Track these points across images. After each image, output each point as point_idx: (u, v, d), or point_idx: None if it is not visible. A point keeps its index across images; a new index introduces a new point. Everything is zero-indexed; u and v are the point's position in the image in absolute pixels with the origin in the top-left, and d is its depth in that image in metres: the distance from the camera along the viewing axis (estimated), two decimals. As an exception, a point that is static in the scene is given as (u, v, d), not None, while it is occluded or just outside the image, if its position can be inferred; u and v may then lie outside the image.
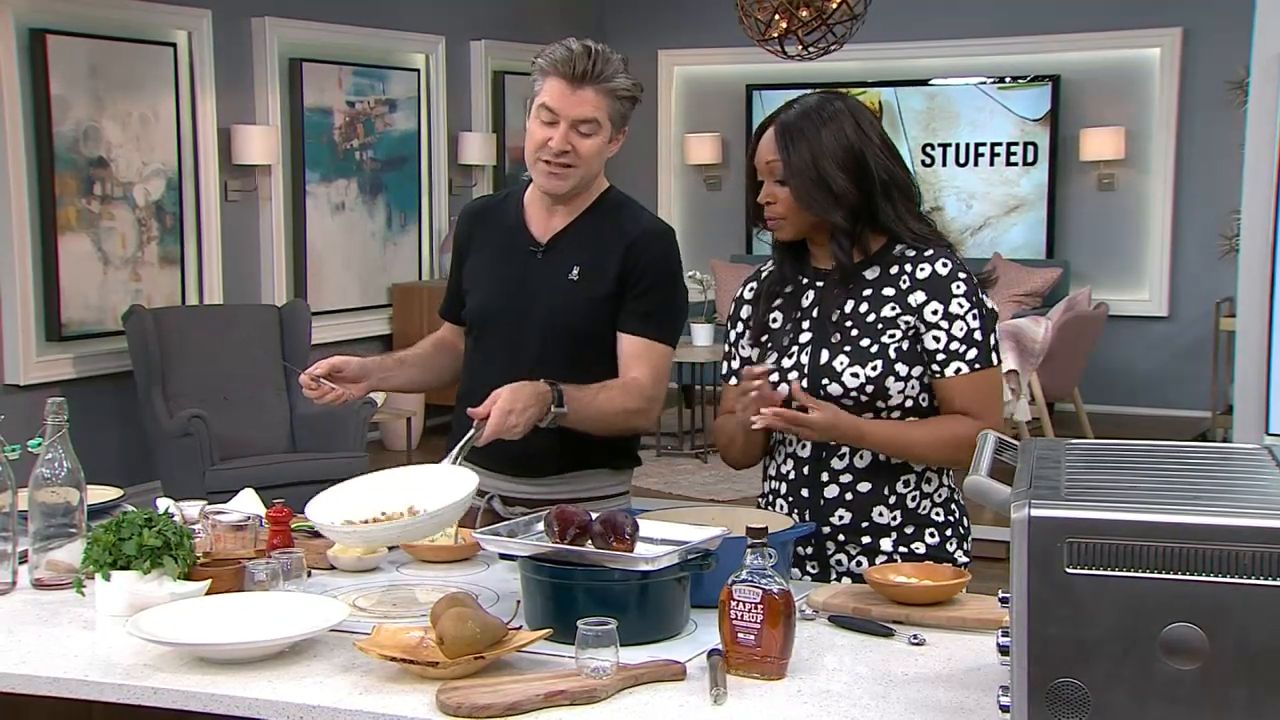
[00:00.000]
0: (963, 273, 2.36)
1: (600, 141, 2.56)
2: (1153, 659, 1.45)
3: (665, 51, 9.56)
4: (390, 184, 7.92)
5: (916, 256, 2.36)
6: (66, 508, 2.32)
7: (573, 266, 2.61)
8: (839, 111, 2.36)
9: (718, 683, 1.82)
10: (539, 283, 2.62)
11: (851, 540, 2.38)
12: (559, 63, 2.52)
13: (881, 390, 2.33)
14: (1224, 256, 7.97)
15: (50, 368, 6.07)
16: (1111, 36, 8.51)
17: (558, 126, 2.53)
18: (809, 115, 2.36)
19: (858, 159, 2.34)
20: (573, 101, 2.52)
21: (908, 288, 2.35)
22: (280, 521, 2.44)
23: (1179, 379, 8.40)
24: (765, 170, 2.39)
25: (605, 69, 2.52)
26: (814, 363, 2.37)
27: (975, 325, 2.33)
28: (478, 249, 2.72)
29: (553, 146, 2.53)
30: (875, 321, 2.35)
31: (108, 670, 1.95)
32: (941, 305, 2.33)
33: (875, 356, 2.33)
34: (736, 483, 7.03)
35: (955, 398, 2.34)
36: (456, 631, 1.87)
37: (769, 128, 2.39)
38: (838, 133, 2.34)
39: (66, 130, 6.09)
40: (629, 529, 2.06)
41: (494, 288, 2.66)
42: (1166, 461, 1.68)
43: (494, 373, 2.54)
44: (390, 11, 7.82)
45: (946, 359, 2.33)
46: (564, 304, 2.60)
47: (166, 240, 6.60)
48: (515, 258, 2.66)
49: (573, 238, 2.63)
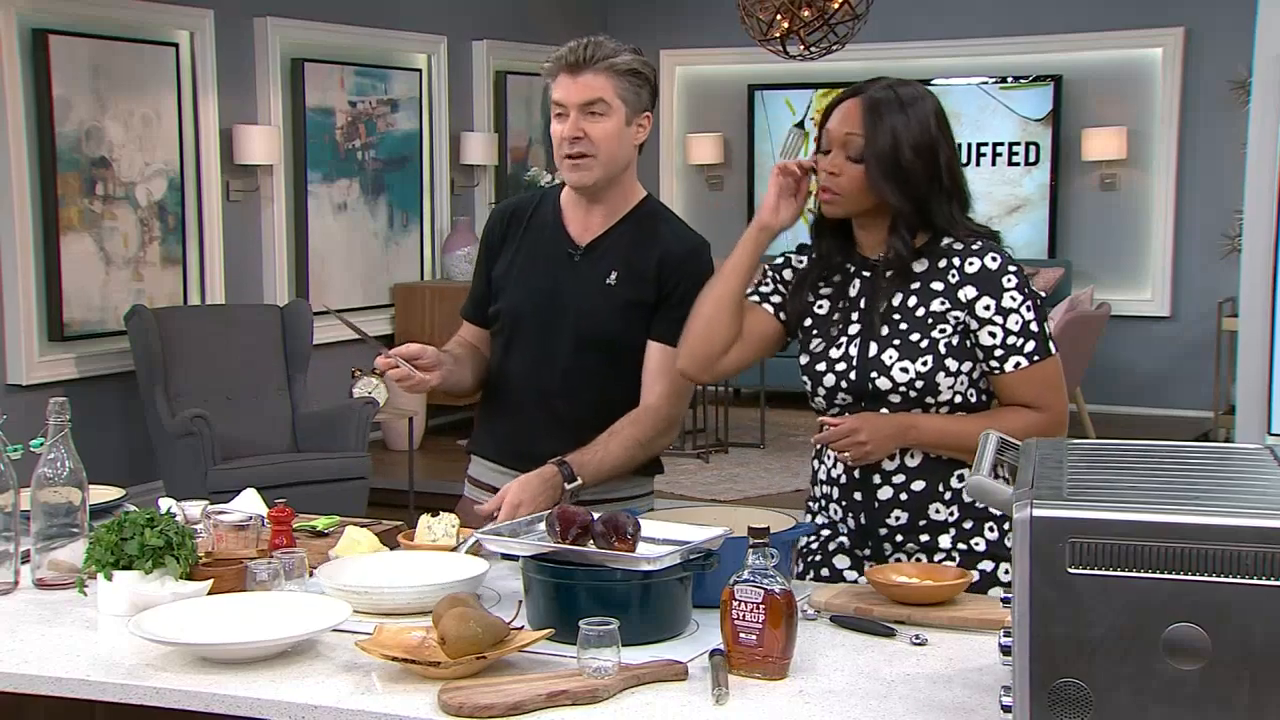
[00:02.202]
0: (1012, 265, 2.32)
1: (614, 124, 2.55)
2: (1155, 659, 1.45)
3: (667, 51, 9.56)
4: (392, 184, 7.92)
5: (965, 250, 2.32)
6: (69, 507, 2.32)
7: (610, 271, 2.62)
8: (925, 101, 2.33)
9: (720, 683, 1.82)
10: (575, 285, 2.62)
11: (910, 540, 2.35)
12: (559, 59, 2.55)
13: (932, 386, 2.30)
14: (1226, 256, 7.97)
15: (52, 368, 6.07)
16: (1113, 36, 8.50)
17: (567, 118, 2.54)
18: (899, 96, 2.31)
19: (932, 154, 2.31)
20: (576, 89, 2.53)
21: (956, 282, 2.31)
22: (282, 521, 2.43)
23: (1181, 379, 8.39)
24: (838, 141, 2.33)
25: (600, 51, 2.53)
26: (862, 355, 2.34)
27: (1030, 317, 2.30)
28: (511, 249, 2.70)
29: (565, 135, 2.54)
30: (925, 316, 2.32)
31: (110, 670, 1.95)
32: (994, 300, 2.29)
33: (925, 352, 2.30)
34: (738, 482, 7.04)
35: (1016, 392, 2.31)
36: (458, 631, 1.87)
37: (850, 99, 2.34)
38: (922, 121, 2.30)
39: (69, 130, 6.09)
40: (631, 529, 2.06)
41: (529, 288, 2.65)
42: (1169, 461, 1.68)
43: (525, 373, 2.60)
44: (392, 11, 7.82)
45: (1005, 354, 2.30)
46: (599, 307, 2.60)
47: (169, 240, 6.60)
48: (552, 259, 2.65)
49: (611, 242, 2.64)
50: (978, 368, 2.33)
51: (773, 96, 9.43)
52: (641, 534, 2.08)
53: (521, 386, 2.65)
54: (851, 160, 2.31)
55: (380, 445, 7.46)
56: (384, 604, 2.15)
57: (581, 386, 2.61)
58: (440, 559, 2.31)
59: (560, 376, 2.60)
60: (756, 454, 7.69)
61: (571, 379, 2.60)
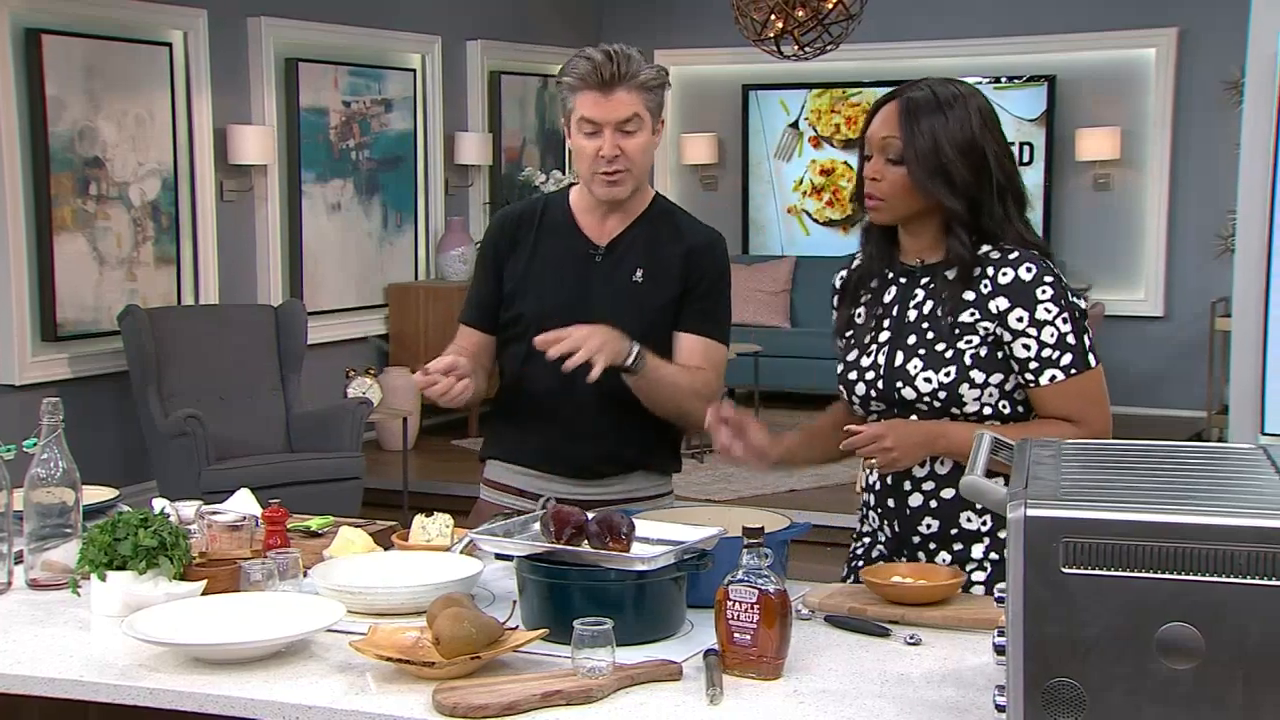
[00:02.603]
0: (1049, 276, 2.25)
1: (645, 137, 2.59)
2: (1149, 659, 1.45)
3: (661, 51, 9.55)
4: (386, 184, 7.91)
5: (1000, 260, 2.27)
6: (62, 508, 2.32)
7: (636, 269, 2.64)
8: (967, 100, 2.28)
9: (714, 683, 1.82)
10: (601, 285, 2.64)
11: (943, 548, 2.31)
12: (585, 75, 2.54)
13: (955, 397, 2.26)
14: (1219, 256, 7.98)
15: (46, 368, 6.06)
16: (1107, 37, 8.51)
17: (602, 135, 2.55)
18: (937, 96, 2.27)
19: (978, 154, 2.26)
20: (609, 107, 2.54)
21: (989, 293, 2.26)
22: (276, 521, 2.43)
23: (1174, 379, 8.40)
24: (878, 145, 2.30)
25: (630, 66, 2.54)
26: (889, 364, 2.31)
27: (1066, 329, 2.24)
28: (523, 254, 2.69)
29: (605, 154, 2.55)
30: (952, 326, 2.27)
31: (103, 670, 1.95)
32: (1027, 312, 2.23)
33: (950, 362, 2.26)
34: (733, 482, 7.04)
35: (1053, 405, 2.25)
36: (453, 631, 1.87)
37: (890, 102, 2.30)
38: (964, 120, 2.26)
39: (62, 130, 6.08)
40: (625, 529, 2.06)
41: (552, 290, 2.66)
42: (1162, 461, 1.68)
43: (552, 375, 2.51)
44: (386, 11, 7.81)
45: (1040, 367, 2.24)
46: (627, 305, 2.61)
47: (162, 240, 6.59)
48: (573, 261, 2.66)
49: (632, 241, 2.66)
50: (1010, 379, 2.28)
51: (767, 96, 9.43)
52: (636, 534, 2.08)
53: (549, 389, 2.62)
54: (891, 163, 2.28)
55: (374, 445, 7.45)
56: (378, 604, 2.15)
57: (609, 387, 2.58)
58: (435, 559, 2.31)
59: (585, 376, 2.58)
60: (751, 454, 7.68)
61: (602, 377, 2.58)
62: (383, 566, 2.29)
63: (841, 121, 9.25)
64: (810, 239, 9.43)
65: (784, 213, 9.50)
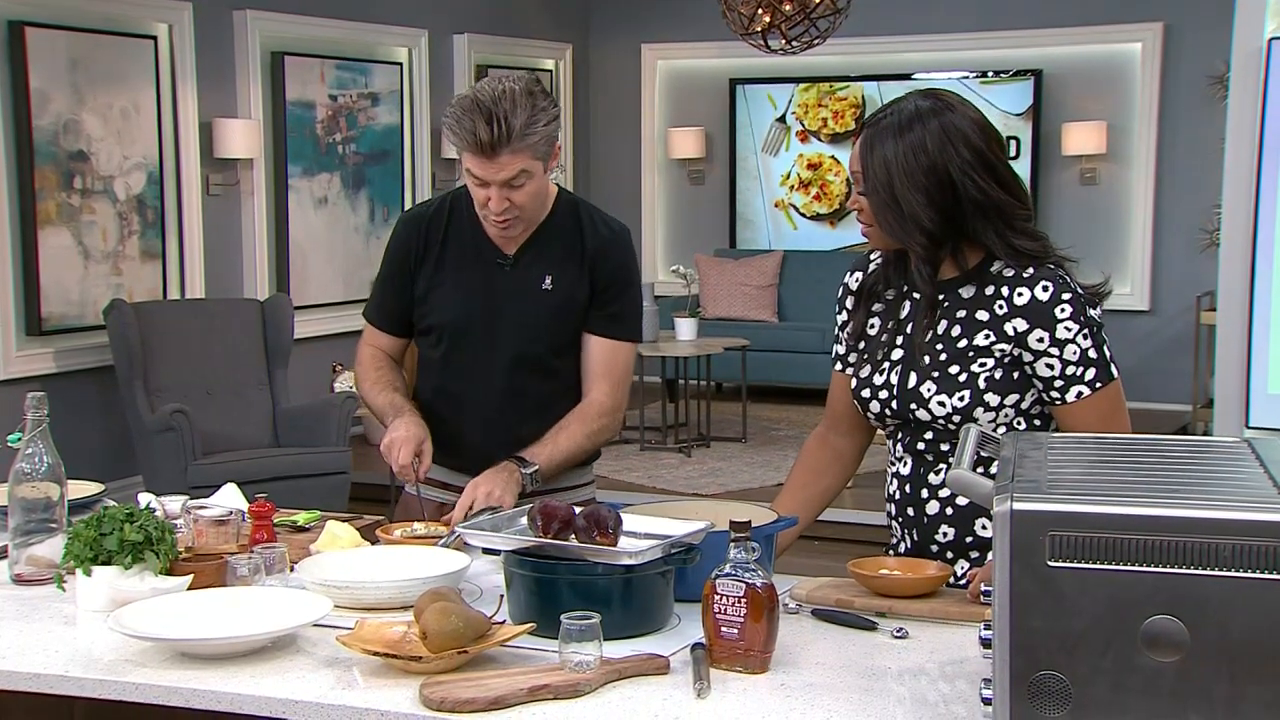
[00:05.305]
0: (1066, 293, 2.19)
1: (536, 182, 2.54)
2: (1134, 651, 1.46)
3: (648, 45, 9.55)
4: (373, 178, 7.90)
5: (1015, 278, 2.21)
6: (47, 503, 2.31)
7: (544, 276, 2.64)
8: (925, 121, 2.18)
9: (701, 676, 1.82)
10: (511, 293, 2.64)
11: (960, 556, 2.30)
12: (466, 143, 2.48)
13: (969, 420, 2.22)
14: (1205, 250, 8.01)
15: (31, 362, 6.04)
16: (1093, 31, 8.53)
17: (489, 189, 2.52)
18: (898, 121, 2.19)
19: (939, 177, 2.16)
20: (494, 169, 2.49)
21: (1005, 314, 2.20)
22: (262, 516, 2.43)
23: (1160, 372, 8.43)
24: (854, 176, 2.27)
25: (511, 128, 2.45)
26: (902, 385, 2.28)
27: (1088, 344, 2.20)
28: (433, 260, 2.69)
29: (492, 209, 2.53)
30: (966, 348, 2.23)
31: (89, 666, 1.95)
32: (1047, 333, 2.19)
33: (964, 386, 2.22)
34: (720, 477, 7.04)
35: (1081, 420, 2.21)
36: (440, 626, 1.86)
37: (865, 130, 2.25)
38: (915, 148, 2.16)
39: (46, 124, 6.05)
40: (612, 523, 2.06)
41: (463, 300, 2.66)
42: (1148, 455, 1.69)
43: (469, 383, 2.66)
44: (372, 5, 7.79)
45: (1065, 384, 2.20)
46: (538, 313, 2.63)
47: (148, 234, 6.57)
48: (481, 270, 2.66)
49: (539, 248, 2.65)
50: (1029, 396, 2.24)
51: (754, 90, 9.43)
52: (623, 528, 2.08)
53: (467, 397, 2.68)
54: (863, 195, 2.25)
55: (361, 440, 7.43)
56: (365, 599, 2.14)
57: (526, 391, 2.65)
58: (421, 554, 2.31)
59: (506, 381, 2.64)
60: (738, 448, 7.70)
61: (516, 383, 2.64)
62: (369, 561, 2.29)
63: (829, 115, 9.25)
64: (798, 233, 9.44)
65: (771, 207, 9.50)
